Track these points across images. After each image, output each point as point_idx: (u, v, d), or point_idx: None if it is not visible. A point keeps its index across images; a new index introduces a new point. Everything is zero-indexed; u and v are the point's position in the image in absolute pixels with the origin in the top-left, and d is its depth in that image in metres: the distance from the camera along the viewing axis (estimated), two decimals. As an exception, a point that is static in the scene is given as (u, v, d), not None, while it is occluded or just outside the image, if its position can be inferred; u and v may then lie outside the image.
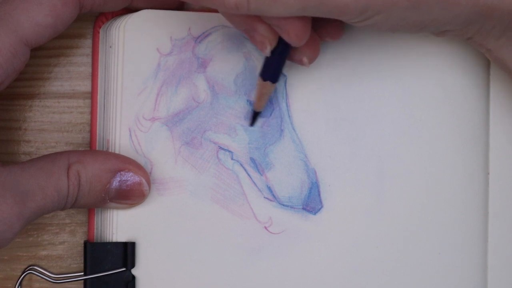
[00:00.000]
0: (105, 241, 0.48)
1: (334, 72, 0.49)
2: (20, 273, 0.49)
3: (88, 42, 0.50)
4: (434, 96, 0.50)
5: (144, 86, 0.47)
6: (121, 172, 0.46)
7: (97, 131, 0.49)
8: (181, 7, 0.49)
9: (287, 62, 0.47)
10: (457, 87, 0.50)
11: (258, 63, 0.49)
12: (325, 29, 0.46)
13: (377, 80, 0.50)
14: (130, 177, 0.46)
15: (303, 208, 0.49)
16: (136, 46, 0.47)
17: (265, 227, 0.49)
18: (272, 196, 0.49)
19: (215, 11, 0.48)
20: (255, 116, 0.49)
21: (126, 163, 0.46)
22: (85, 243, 0.48)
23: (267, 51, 0.44)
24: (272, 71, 0.46)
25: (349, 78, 0.50)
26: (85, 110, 0.50)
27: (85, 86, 0.50)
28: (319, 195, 0.49)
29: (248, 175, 0.49)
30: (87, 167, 0.45)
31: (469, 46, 0.50)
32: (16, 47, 0.44)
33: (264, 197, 0.49)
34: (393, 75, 0.50)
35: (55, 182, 0.44)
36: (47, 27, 0.44)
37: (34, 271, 0.49)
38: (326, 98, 0.49)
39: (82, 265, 0.48)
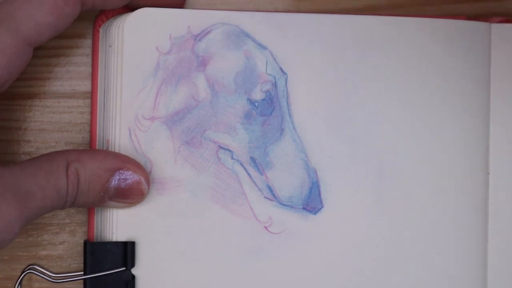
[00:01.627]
0: (105, 240, 0.48)
1: (334, 72, 0.49)
2: (20, 273, 0.49)
3: (88, 42, 0.50)
4: (435, 96, 0.50)
5: (144, 85, 0.47)
6: (120, 171, 0.46)
7: (97, 131, 0.49)
8: (181, 5, 0.49)
9: (288, 62, 0.47)
10: (457, 86, 0.50)
11: (258, 61, 0.48)
12: None
13: (377, 80, 0.50)
14: (129, 176, 0.46)
15: (304, 208, 0.49)
16: (135, 45, 0.47)
17: (265, 227, 0.49)
18: (272, 195, 0.49)
19: (215, 9, 0.48)
20: None
21: (125, 162, 0.46)
22: (85, 242, 0.48)
23: None
24: None
25: (350, 78, 0.49)
26: (85, 110, 0.50)
27: (85, 86, 0.50)
28: (319, 195, 0.49)
29: (248, 174, 0.49)
30: (86, 166, 0.45)
31: (470, 45, 0.50)
32: (18, 47, 0.44)
33: (264, 197, 0.49)
34: (394, 74, 0.50)
35: (54, 181, 0.44)
36: (49, 25, 0.44)
37: (34, 270, 0.49)
38: (327, 98, 0.49)
39: (82, 264, 0.48)
